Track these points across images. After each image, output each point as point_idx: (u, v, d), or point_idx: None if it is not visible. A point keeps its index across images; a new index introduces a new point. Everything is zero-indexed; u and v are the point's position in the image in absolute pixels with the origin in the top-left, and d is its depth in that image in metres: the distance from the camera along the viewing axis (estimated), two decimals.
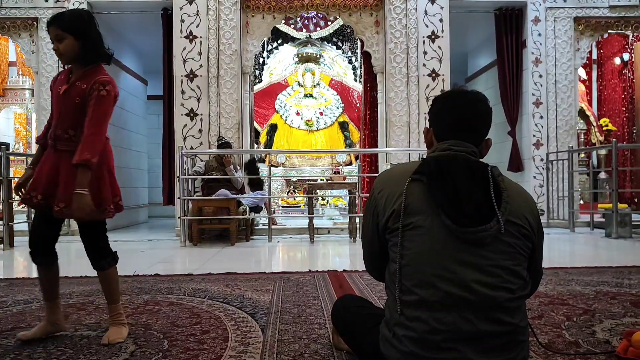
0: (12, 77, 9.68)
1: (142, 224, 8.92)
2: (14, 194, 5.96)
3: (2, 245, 5.46)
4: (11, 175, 5.98)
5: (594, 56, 9.25)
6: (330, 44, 10.37)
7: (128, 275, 3.61)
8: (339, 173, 6.72)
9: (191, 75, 6.67)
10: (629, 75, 8.70)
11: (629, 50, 8.69)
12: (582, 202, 7.79)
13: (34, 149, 9.34)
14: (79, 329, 2.22)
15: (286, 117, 9.75)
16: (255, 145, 8.98)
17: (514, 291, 1.31)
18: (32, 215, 6.24)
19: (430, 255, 1.32)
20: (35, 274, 3.95)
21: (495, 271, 1.29)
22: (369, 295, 2.83)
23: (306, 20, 9.84)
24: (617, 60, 8.97)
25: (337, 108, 9.87)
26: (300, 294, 2.89)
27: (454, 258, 1.30)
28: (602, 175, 8.21)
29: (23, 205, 8.38)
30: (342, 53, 10.39)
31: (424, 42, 6.88)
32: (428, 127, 1.58)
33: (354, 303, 1.78)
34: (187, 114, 6.67)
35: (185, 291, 3.00)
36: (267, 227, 6.08)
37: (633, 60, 8.64)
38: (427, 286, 1.30)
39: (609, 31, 7.37)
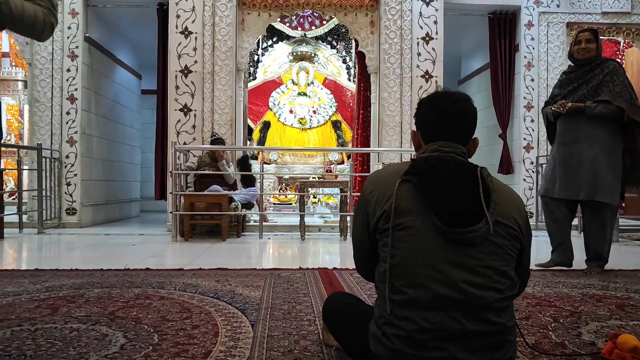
0: (4, 68, 9.63)
1: (134, 218, 8.89)
2: (4, 185, 5.94)
3: None
4: (2, 166, 5.93)
5: None
6: (325, 43, 10.37)
7: (119, 269, 3.62)
8: (331, 171, 6.74)
9: (186, 71, 6.66)
10: None
11: (620, 57, 8.77)
12: None
13: (26, 140, 9.29)
14: (69, 321, 2.22)
15: (279, 114, 9.75)
16: (249, 142, 8.98)
17: (503, 291, 1.33)
18: (24, 207, 6.23)
19: (420, 256, 1.33)
20: (25, 266, 3.95)
21: (485, 271, 1.31)
22: (359, 293, 2.85)
23: (301, 19, 9.84)
24: None
25: (331, 107, 9.89)
26: (290, 291, 2.91)
27: (443, 258, 1.31)
28: None
29: (14, 197, 8.34)
30: (337, 52, 10.39)
31: (418, 43, 6.90)
32: (415, 130, 1.61)
33: (344, 300, 1.80)
34: (180, 110, 6.66)
35: (176, 286, 3.01)
36: (258, 223, 6.09)
37: (624, 66, 8.71)
38: (416, 286, 1.32)
39: (601, 37, 7.43)
